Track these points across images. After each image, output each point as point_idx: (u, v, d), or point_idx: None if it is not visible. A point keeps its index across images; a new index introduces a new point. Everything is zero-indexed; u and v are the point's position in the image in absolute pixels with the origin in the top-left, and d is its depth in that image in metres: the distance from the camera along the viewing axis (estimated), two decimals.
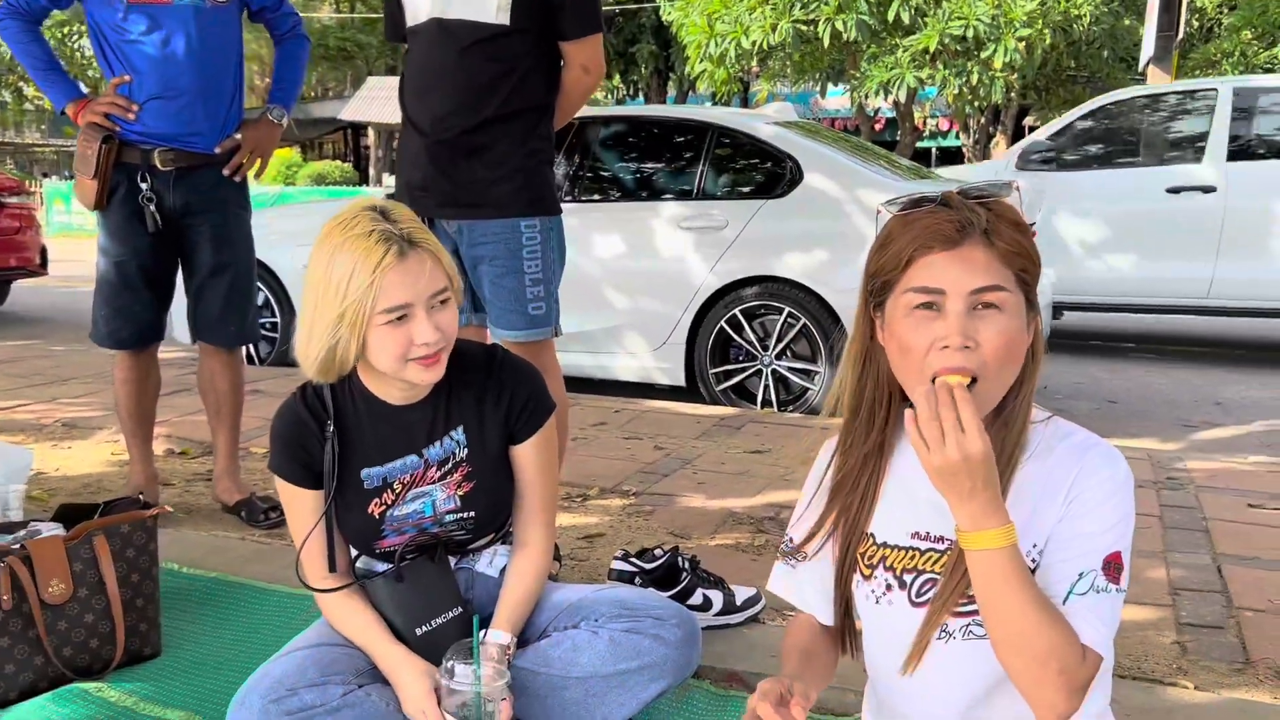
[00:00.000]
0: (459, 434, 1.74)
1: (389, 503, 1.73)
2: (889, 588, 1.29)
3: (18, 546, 1.88)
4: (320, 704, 1.57)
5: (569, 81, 2.42)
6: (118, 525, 1.99)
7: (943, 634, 1.24)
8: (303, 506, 1.73)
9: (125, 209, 2.81)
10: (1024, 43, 11.70)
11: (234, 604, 2.30)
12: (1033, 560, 1.20)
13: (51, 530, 2.00)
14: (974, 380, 1.15)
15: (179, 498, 3.15)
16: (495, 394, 1.75)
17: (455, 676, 1.53)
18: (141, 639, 2.02)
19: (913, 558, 1.28)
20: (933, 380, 1.15)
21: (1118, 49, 14.13)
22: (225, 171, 2.88)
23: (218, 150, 2.86)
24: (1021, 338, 1.19)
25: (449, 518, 1.75)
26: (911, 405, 1.17)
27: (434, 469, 1.73)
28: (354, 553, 1.81)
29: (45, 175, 31.19)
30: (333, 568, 1.73)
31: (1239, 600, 2.37)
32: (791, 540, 1.42)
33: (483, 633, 1.70)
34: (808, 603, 1.42)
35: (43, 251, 8.37)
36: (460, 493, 1.74)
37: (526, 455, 1.78)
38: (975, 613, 1.21)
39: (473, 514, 1.76)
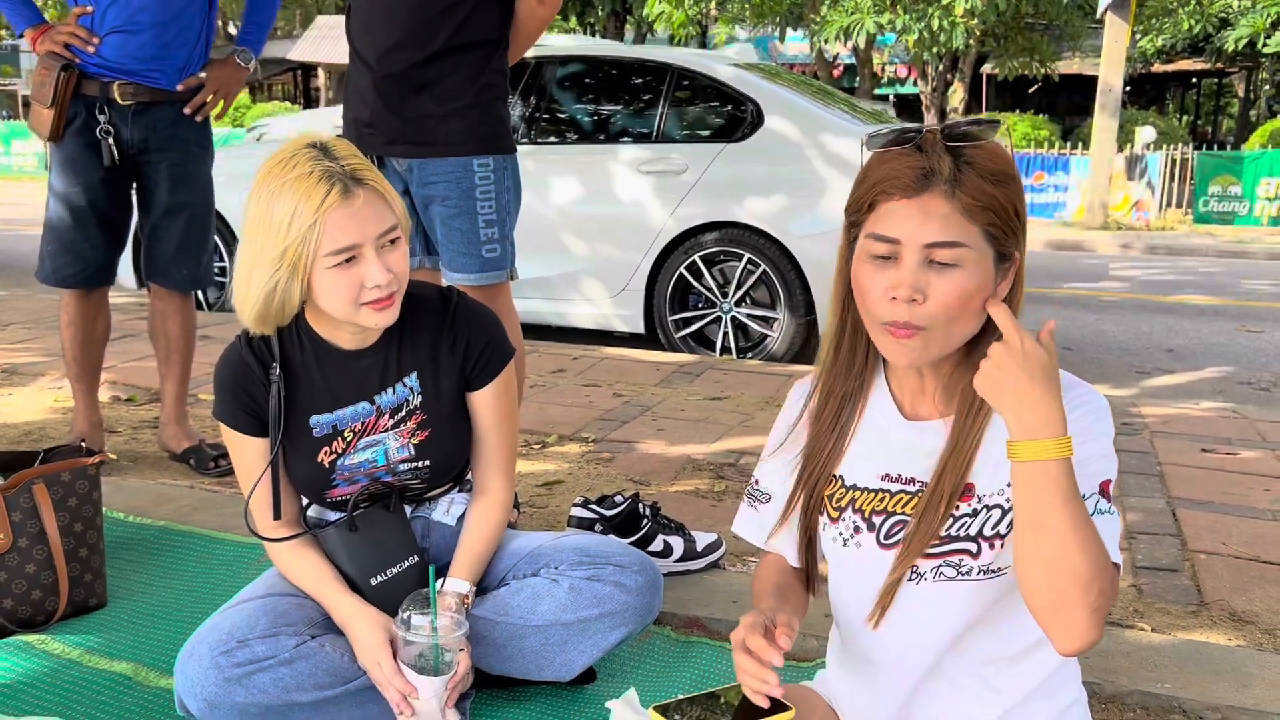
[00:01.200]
0: (412, 380, 1.68)
1: (339, 451, 1.67)
2: (857, 529, 1.28)
3: None
4: (272, 655, 1.53)
5: (523, 12, 2.33)
6: (58, 473, 1.91)
7: (913, 575, 1.22)
8: (249, 454, 1.67)
9: (81, 140, 2.71)
10: None
11: (182, 553, 2.24)
12: (1009, 498, 1.17)
13: None
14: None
15: (125, 445, 3.07)
16: (451, 339, 1.69)
17: (412, 627, 1.50)
18: (86, 590, 1.96)
19: (882, 499, 1.27)
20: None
21: None
22: (187, 110, 2.78)
23: (180, 88, 2.76)
24: (980, 293, 1.13)
25: (402, 467, 1.70)
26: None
27: (386, 416, 1.68)
28: (305, 501, 1.76)
29: None
30: (277, 515, 1.68)
31: (1193, 543, 2.40)
32: (757, 482, 1.40)
33: (440, 582, 1.66)
34: (773, 545, 1.40)
35: None
36: (414, 441, 1.69)
37: (485, 402, 1.73)
38: (947, 554, 1.20)
39: (427, 463, 1.71)
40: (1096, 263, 9.92)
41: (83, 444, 2.13)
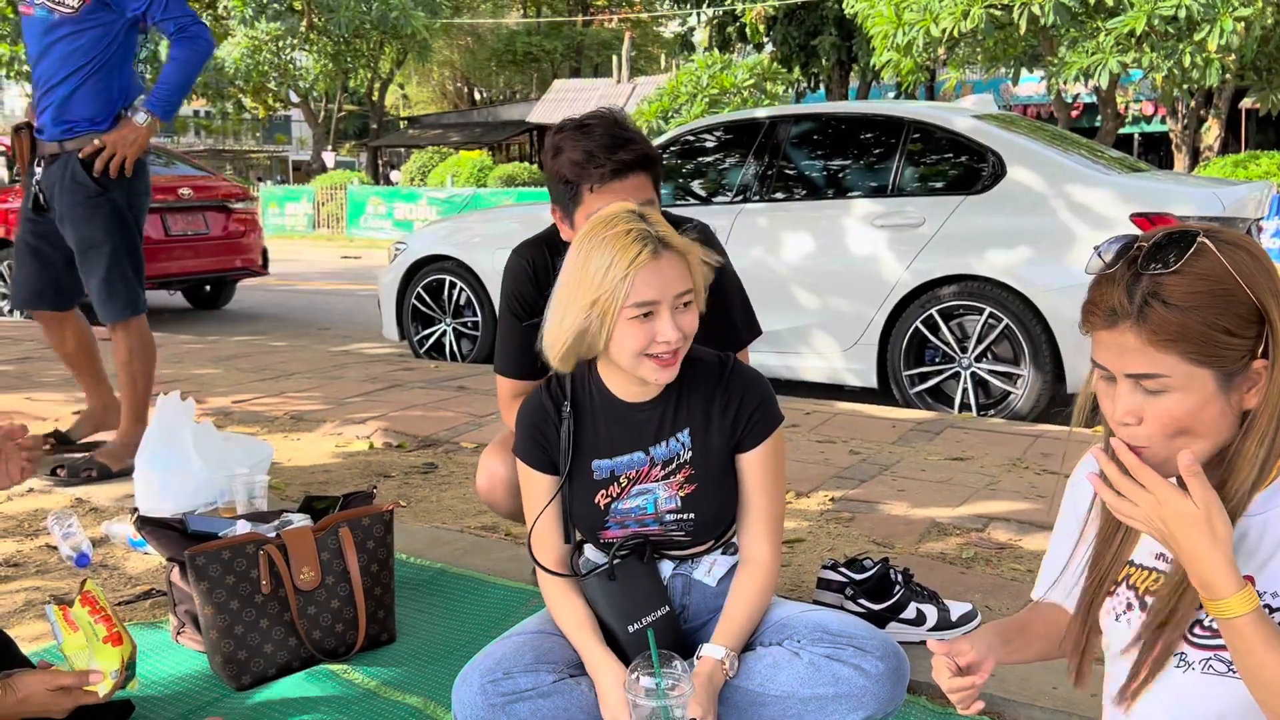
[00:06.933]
0: (685, 436, 1.79)
1: (614, 495, 1.80)
2: (1129, 606, 1.27)
3: (274, 536, 2.05)
4: (532, 688, 1.67)
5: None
6: (359, 518, 2.13)
7: (1181, 663, 1.20)
8: (538, 488, 1.83)
9: (26, 189, 3.39)
10: (1243, 22, 10.85)
11: (458, 594, 2.43)
12: None
13: (301, 520, 2.16)
14: None
15: (397, 489, 3.35)
16: (724, 401, 1.79)
17: (639, 690, 1.56)
18: (380, 625, 2.16)
19: (1156, 579, 1.25)
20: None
21: None
22: (97, 166, 3.23)
23: (71, 145, 3.26)
24: (1202, 411, 1.12)
25: (669, 517, 1.80)
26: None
27: (658, 467, 1.79)
28: (576, 543, 1.89)
29: (260, 179, 33.61)
30: (568, 539, 1.83)
31: None
32: (1045, 586, 1.43)
33: (698, 653, 1.74)
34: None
35: (264, 253, 9.04)
36: (681, 493, 1.79)
37: (753, 465, 1.80)
38: (1220, 648, 1.17)
39: (692, 516, 1.80)
40: None
41: (375, 489, 2.37)
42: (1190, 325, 1.10)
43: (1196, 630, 1.20)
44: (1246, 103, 17.09)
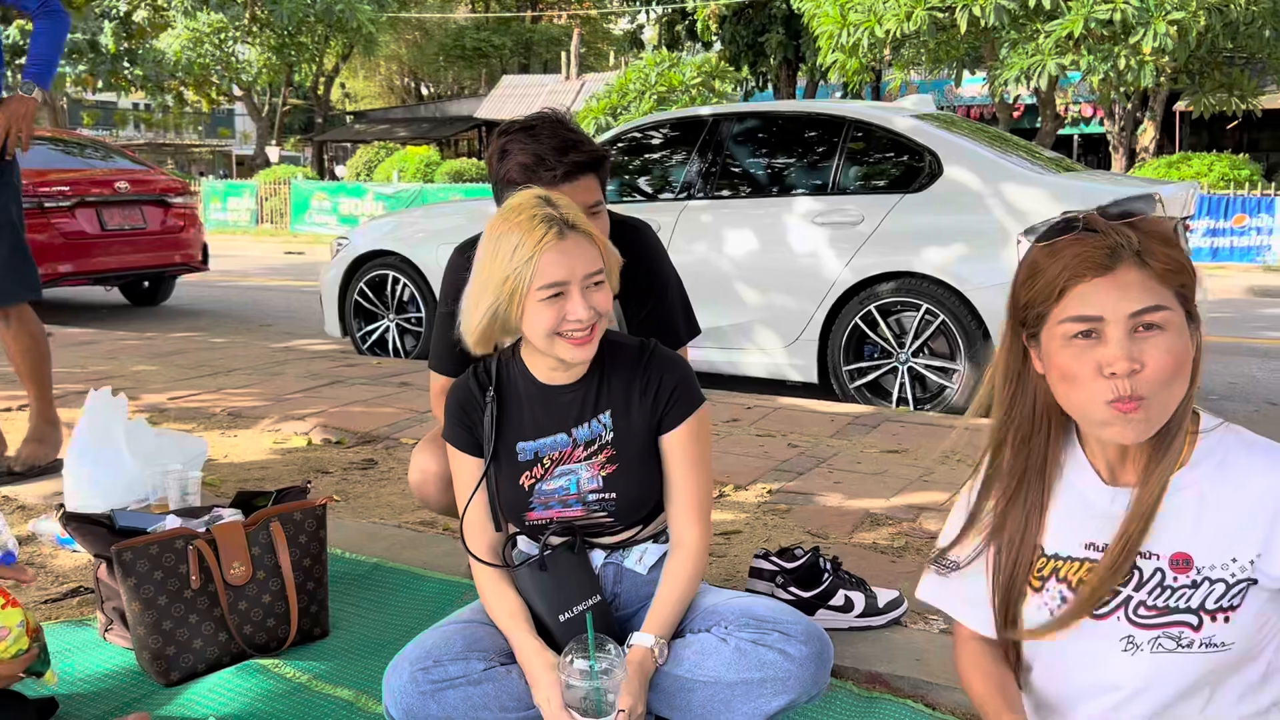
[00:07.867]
0: (606, 418, 1.84)
1: (538, 476, 1.84)
2: (1064, 600, 1.28)
3: (204, 531, 2.03)
4: (462, 676, 1.70)
5: None
6: (291, 512, 2.12)
7: (1129, 646, 1.23)
8: (465, 471, 1.87)
9: None
10: (1176, 25, 11.13)
11: (393, 588, 2.43)
12: (1234, 573, 1.18)
13: (232, 515, 2.15)
14: None
15: (336, 485, 3.32)
16: (644, 382, 1.84)
17: (573, 671, 1.59)
18: (312, 619, 2.15)
19: (1090, 569, 1.27)
20: None
21: None
22: None
23: None
24: (1187, 353, 1.17)
25: (591, 497, 1.84)
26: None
27: (580, 448, 1.84)
28: (509, 536, 1.91)
29: (202, 174, 33.03)
30: (499, 527, 1.87)
31: None
32: (943, 552, 1.43)
33: (630, 638, 1.76)
34: (958, 611, 1.42)
35: (204, 248, 8.89)
36: (603, 473, 1.83)
37: (675, 445, 1.84)
38: (1166, 625, 1.20)
39: (614, 495, 1.84)
40: None
41: (309, 484, 2.35)
42: (1180, 260, 1.17)
43: (1140, 610, 1.22)
44: (1181, 105, 17.51)
